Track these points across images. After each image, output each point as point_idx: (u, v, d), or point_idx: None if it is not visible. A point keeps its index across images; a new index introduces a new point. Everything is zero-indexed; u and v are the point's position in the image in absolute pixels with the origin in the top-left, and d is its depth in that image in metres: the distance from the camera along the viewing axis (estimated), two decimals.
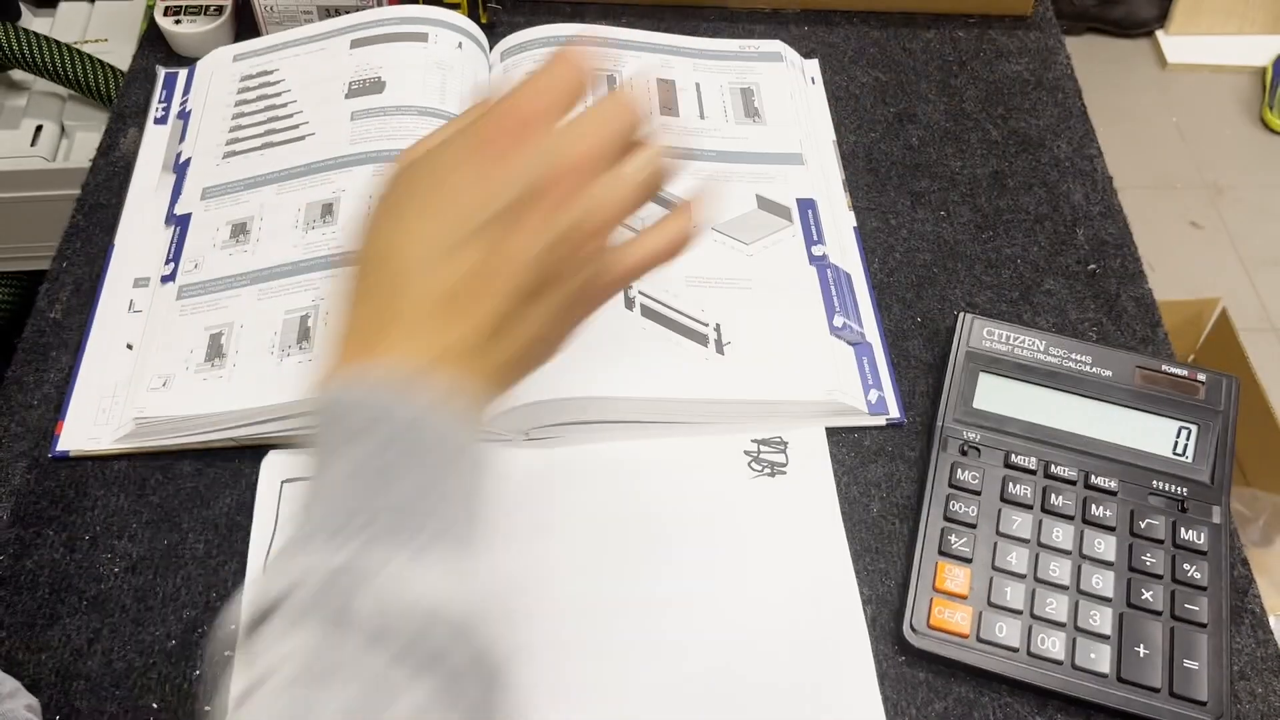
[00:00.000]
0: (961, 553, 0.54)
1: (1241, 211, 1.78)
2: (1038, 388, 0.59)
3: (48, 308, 0.64)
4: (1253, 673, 0.53)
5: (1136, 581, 0.53)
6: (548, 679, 0.51)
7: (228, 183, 0.66)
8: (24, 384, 0.61)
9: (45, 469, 0.58)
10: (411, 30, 0.72)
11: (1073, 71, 0.80)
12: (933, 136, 0.75)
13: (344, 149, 0.66)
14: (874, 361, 0.62)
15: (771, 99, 0.74)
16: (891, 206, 0.71)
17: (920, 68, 0.79)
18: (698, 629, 0.53)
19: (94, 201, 0.69)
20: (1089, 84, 0.79)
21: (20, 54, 0.99)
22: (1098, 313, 0.66)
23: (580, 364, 0.58)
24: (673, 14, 0.81)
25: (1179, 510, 0.56)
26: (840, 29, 0.81)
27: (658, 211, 0.65)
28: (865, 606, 0.54)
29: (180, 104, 0.73)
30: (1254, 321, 1.63)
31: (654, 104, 0.72)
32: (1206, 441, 0.57)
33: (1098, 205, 0.71)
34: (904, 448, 0.60)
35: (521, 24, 0.77)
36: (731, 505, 0.57)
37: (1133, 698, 0.50)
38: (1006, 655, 0.52)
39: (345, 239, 0.61)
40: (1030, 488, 0.56)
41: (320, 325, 0.58)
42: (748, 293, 0.62)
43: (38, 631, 0.52)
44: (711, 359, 0.59)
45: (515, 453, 0.58)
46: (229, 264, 0.62)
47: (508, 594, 0.54)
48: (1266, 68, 1.95)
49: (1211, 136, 1.88)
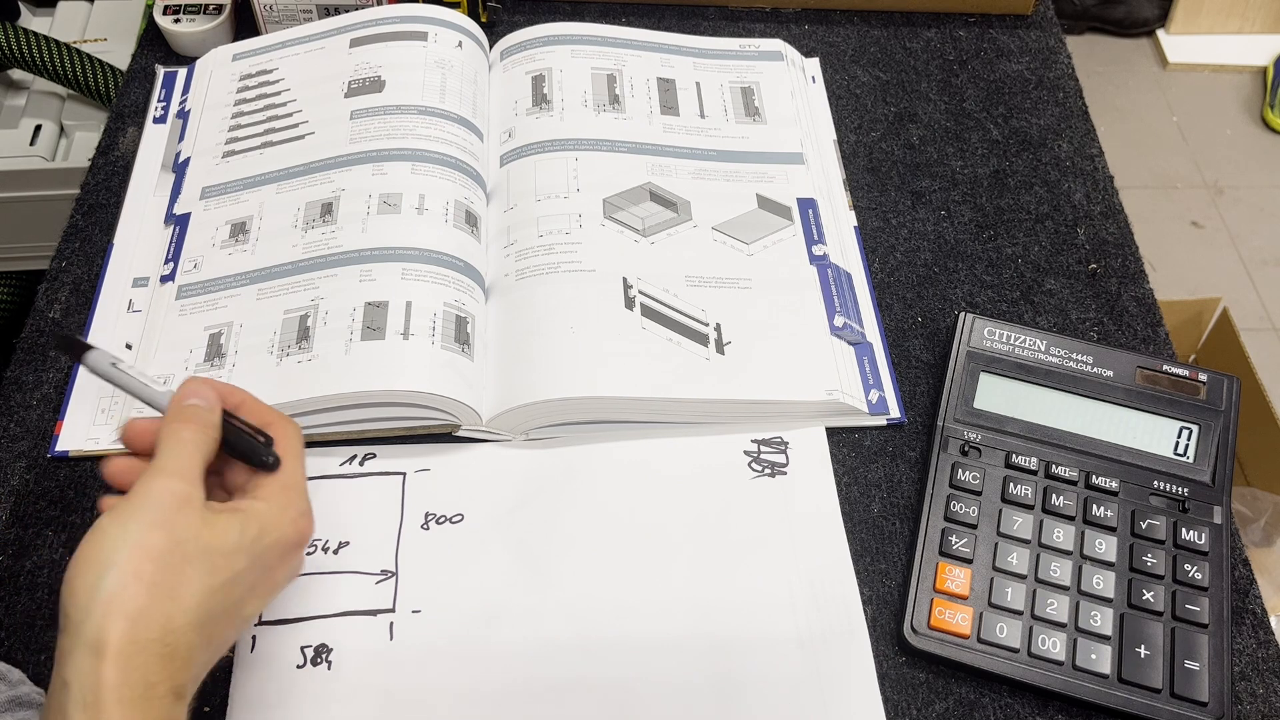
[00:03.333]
0: (962, 553, 0.54)
1: (1242, 211, 1.78)
2: (1038, 388, 0.59)
3: (47, 307, 0.64)
4: (1253, 673, 0.53)
5: (1137, 582, 0.53)
6: (548, 678, 0.51)
7: (227, 182, 0.66)
8: (23, 384, 0.61)
9: (45, 469, 0.57)
10: (411, 29, 0.72)
11: (1073, 71, 0.80)
12: (933, 136, 0.75)
13: (343, 148, 0.66)
14: (874, 361, 0.62)
15: (772, 98, 0.73)
16: (892, 206, 0.71)
17: (921, 67, 0.79)
18: (698, 629, 0.53)
19: (93, 201, 0.69)
20: (1089, 84, 0.79)
21: (19, 53, 0.99)
22: (1098, 312, 0.66)
23: (580, 364, 0.58)
24: (673, 13, 0.81)
25: (1180, 510, 0.55)
26: (841, 28, 0.81)
27: (657, 211, 0.65)
28: (865, 607, 0.54)
29: (179, 103, 0.73)
30: (1254, 321, 1.63)
31: (654, 104, 0.72)
32: (1207, 441, 0.57)
33: (1098, 205, 0.71)
34: (904, 448, 0.60)
35: (521, 23, 0.77)
36: (732, 505, 0.57)
37: (1133, 698, 0.50)
38: (1007, 656, 0.51)
39: (345, 239, 0.61)
40: (1031, 488, 0.56)
41: (320, 325, 0.58)
42: (748, 293, 0.62)
43: (38, 631, 0.52)
44: (712, 359, 0.59)
45: (515, 453, 0.58)
46: (228, 263, 0.62)
47: (508, 594, 0.53)
48: (1267, 67, 1.95)
49: (1212, 136, 1.88)
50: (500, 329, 0.60)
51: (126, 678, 0.38)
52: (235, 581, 0.42)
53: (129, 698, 0.38)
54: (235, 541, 0.42)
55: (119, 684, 0.38)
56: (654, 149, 0.69)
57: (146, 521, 0.40)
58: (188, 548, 0.40)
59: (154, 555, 0.40)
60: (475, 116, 0.70)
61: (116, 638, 0.38)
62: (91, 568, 0.39)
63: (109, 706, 0.37)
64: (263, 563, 0.43)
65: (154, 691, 0.38)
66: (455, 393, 0.56)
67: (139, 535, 0.40)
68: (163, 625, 0.39)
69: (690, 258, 0.63)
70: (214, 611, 0.41)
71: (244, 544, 0.42)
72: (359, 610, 0.53)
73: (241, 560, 0.42)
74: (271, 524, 0.43)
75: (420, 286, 0.59)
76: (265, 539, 0.43)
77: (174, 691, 0.39)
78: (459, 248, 0.62)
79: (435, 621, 0.52)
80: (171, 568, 0.40)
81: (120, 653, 0.38)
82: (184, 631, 0.39)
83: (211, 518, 0.42)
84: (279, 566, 0.44)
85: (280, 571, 0.44)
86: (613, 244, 0.63)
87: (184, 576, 0.40)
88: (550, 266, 0.62)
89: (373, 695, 0.50)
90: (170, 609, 0.39)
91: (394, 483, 0.57)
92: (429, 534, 0.55)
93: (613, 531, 0.56)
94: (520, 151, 0.68)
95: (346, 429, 0.58)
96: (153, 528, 0.40)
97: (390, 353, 0.56)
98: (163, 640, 0.39)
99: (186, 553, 0.40)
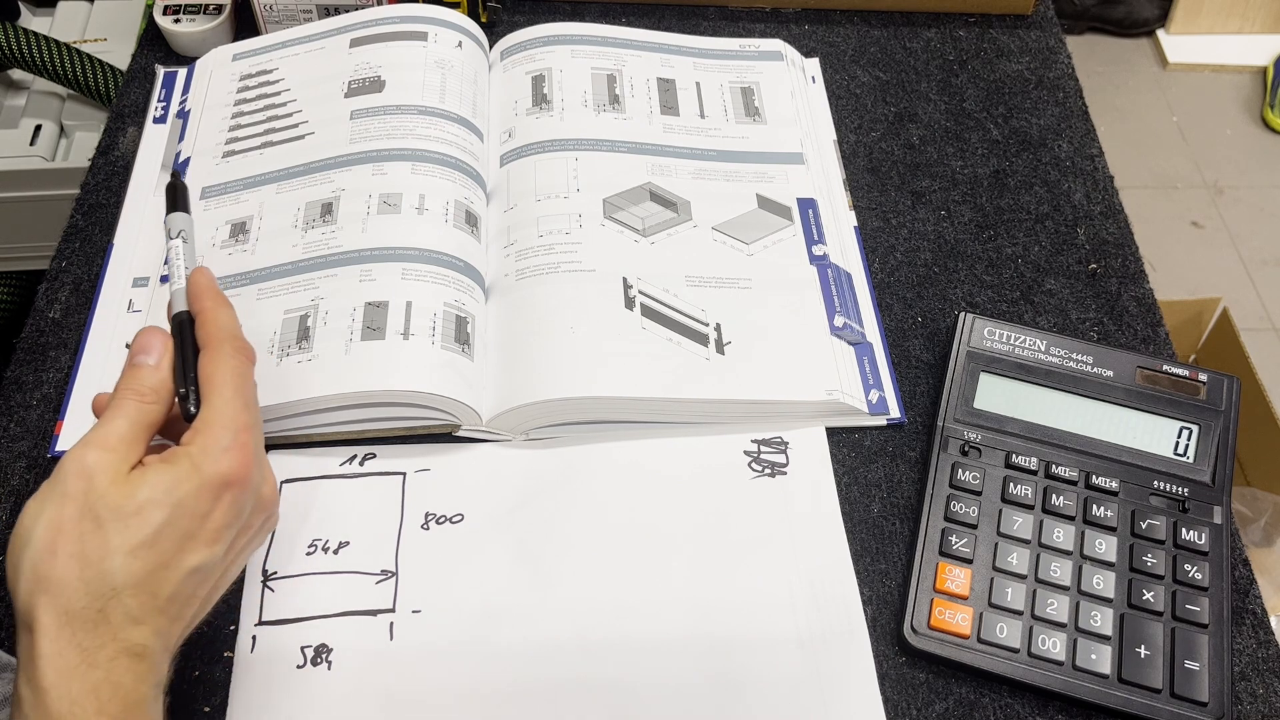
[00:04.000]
0: (962, 553, 0.54)
1: (1242, 211, 1.78)
2: (1038, 388, 0.59)
3: (47, 307, 0.64)
4: (1253, 673, 0.53)
5: (1137, 582, 0.53)
6: (548, 678, 0.51)
7: (227, 182, 0.66)
8: (23, 384, 0.61)
9: (45, 469, 0.57)
10: (411, 29, 0.72)
11: (1073, 71, 0.80)
12: (933, 136, 0.75)
13: (343, 148, 0.66)
14: (874, 361, 0.62)
15: (772, 98, 0.73)
16: (892, 206, 0.71)
17: (921, 67, 0.79)
18: (698, 629, 0.53)
19: (93, 201, 0.69)
20: (1089, 84, 0.79)
21: (19, 53, 0.99)
22: (1099, 312, 0.66)
23: (580, 364, 0.58)
24: (673, 13, 0.81)
25: (1180, 510, 0.55)
26: (841, 28, 0.81)
27: (657, 211, 0.65)
28: (865, 607, 0.54)
29: (179, 103, 0.73)
30: (1254, 321, 1.63)
31: (654, 104, 0.72)
32: (1207, 442, 0.57)
33: (1098, 205, 0.71)
34: (904, 448, 0.60)
35: (521, 23, 0.77)
36: (732, 505, 0.57)
37: (1133, 699, 0.50)
38: (1007, 656, 0.51)
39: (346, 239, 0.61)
40: (1031, 488, 0.56)
41: (320, 325, 0.58)
42: (748, 293, 0.62)
43: None
44: (712, 359, 0.59)
45: (515, 453, 0.58)
46: (228, 263, 0.62)
47: (508, 594, 0.53)
48: (1267, 67, 1.95)
49: (1212, 136, 1.88)
50: (500, 329, 0.60)
51: (58, 648, 0.39)
52: (157, 536, 0.41)
53: (64, 667, 0.39)
54: (146, 495, 0.42)
55: (52, 654, 0.39)
56: (654, 149, 0.69)
57: (56, 494, 0.41)
58: (98, 511, 0.41)
59: (66, 526, 0.40)
60: (475, 116, 0.70)
61: (42, 611, 0.39)
62: (14, 550, 0.41)
63: (46, 675, 0.39)
64: (186, 511, 0.42)
65: (95, 657, 0.39)
66: (455, 393, 0.56)
67: (52, 510, 0.41)
68: (88, 592, 0.40)
69: (690, 258, 0.63)
70: (145, 569, 0.41)
71: (155, 496, 0.42)
72: (359, 610, 0.53)
73: (157, 514, 0.41)
74: (187, 471, 0.43)
75: (420, 286, 0.59)
76: (182, 487, 0.42)
77: (127, 652, 0.40)
78: (459, 248, 0.62)
79: (435, 621, 0.52)
80: (85, 535, 0.40)
81: (49, 624, 0.39)
82: (115, 594, 0.40)
83: (123, 478, 0.42)
84: (213, 510, 0.43)
85: (216, 514, 0.43)
86: (613, 244, 0.63)
87: (98, 540, 0.40)
88: (550, 266, 0.62)
89: (373, 695, 0.50)
90: (92, 574, 0.40)
91: (394, 483, 0.57)
92: (429, 534, 0.55)
93: (613, 531, 0.56)
94: (520, 151, 0.68)
95: (346, 429, 0.58)
96: (64, 499, 0.41)
97: (390, 353, 0.56)
98: (91, 607, 0.40)
99: (98, 516, 0.41)
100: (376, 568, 0.54)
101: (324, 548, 0.54)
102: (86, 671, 0.39)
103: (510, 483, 0.57)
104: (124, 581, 0.40)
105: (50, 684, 0.38)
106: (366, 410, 0.56)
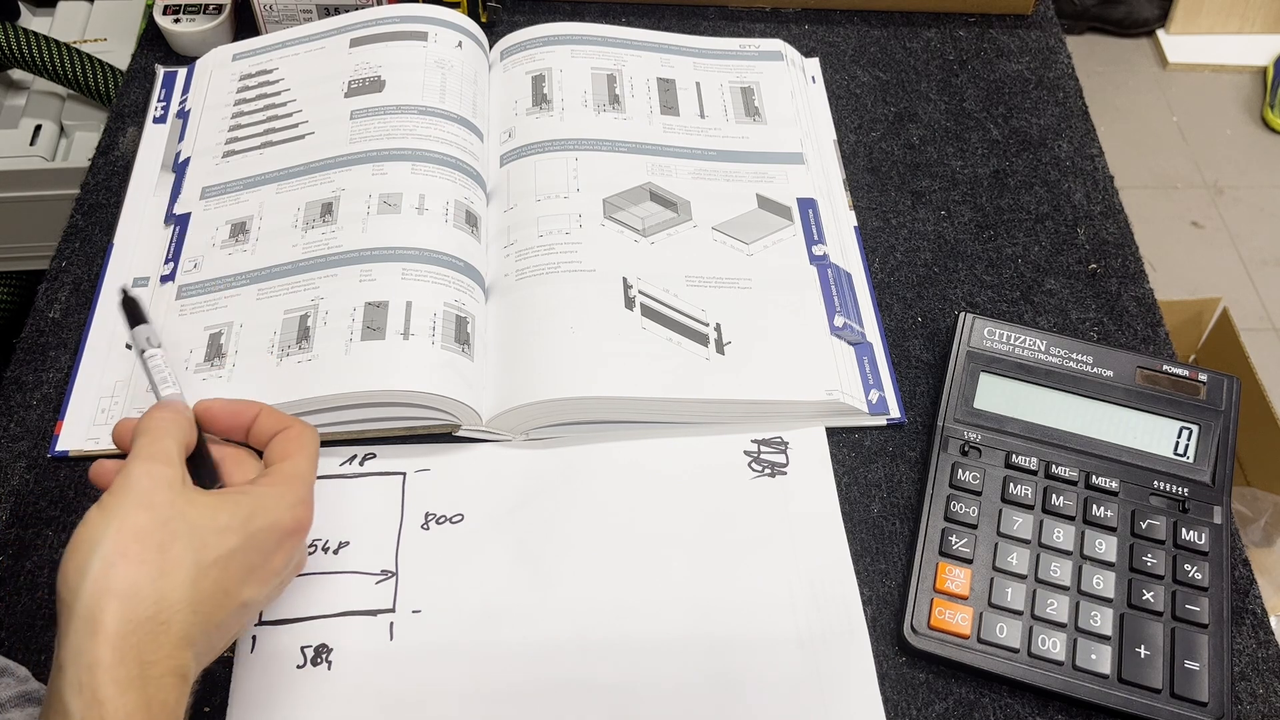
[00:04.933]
0: (962, 553, 0.54)
1: (1242, 211, 1.78)
2: (1038, 388, 0.59)
3: (47, 307, 0.64)
4: (1253, 673, 0.53)
5: (1137, 582, 0.53)
6: (548, 678, 0.51)
7: (227, 182, 0.66)
8: (23, 384, 0.61)
9: (44, 469, 0.57)
10: (411, 29, 0.72)
11: (1073, 71, 0.80)
12: (933, 136, 0.75)
13: (343, 148, 0.66)
14: (874, 361, 0.62)
15: (772, 98, 0.73)
16: (892, 206, 0.71)
17: (921, 67, 0.79)
18: (698, 629, 0.53)
19: (93, 201, 0.69)
20: (1089, 84, 0.79)
21: (19, 53, 0.99)
22: (1098, 312, 0.66)
23: (580, 364, 0.58)
24: (673, 13, 0.81)
25: (1180, 510, 0.56)
26: (840, 28, 0.81)
27: (657, 211, 0.65)
28: (865, 607, 0.54)
29: (179, 103, 0.73)
30: (1254, 321, 1.63)
31: (654, 104, 0.72)
32: (1207, 442, 0.57)
33: (1098, 205, 0.71)
34: (904, 448, 0.60)
35: (521, 23, 0.77)
36: (732, 505, 0.57)
37: (1133, 699, 0.50)
38: (1007, 656, 0.51)
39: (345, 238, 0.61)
40: (1031, 488, 0.56)
41: (320, 325, 0.58)
42: (748, 293, 0.62)
43: (38, 631, 0.52)
44: (712, 359, 0.59)
45: (515, 453, 0.58)
46: (228, 263, 0.62)
47: (508, 594, 0.53)
48: (1267, 67, 1.95)
49: (1212, 136, 1.88)
50: (500, 329, 0.60)
51: (121, 657, 0.38)
52: (228, 560, 0.42)
53: (124, 678, 0.37)
54: (225, 521, 0.42)
55: (113, 664, 0.37)
56: (654, 149, 0.69)
57: (130, 503, 0.40)
58: (173, 525, 0.41)
59: (139, 534, 0.40)
60: (475, 116, 0.70)
61: (110, 616, 0.38)
62: (80, 552, 0.39)
63: (104, 688, 0.37)
64: (256, 545, 0.43)
65: (150, 671, 0.38)
66: (455, 393, 0.56)
67: (123, 517, 0.40)
68: (155, 602, 0.39)
69: (690, 258, 0.63)
70: (208, 590, 0.41)
71: (233, 524, 0.42)
72: (359, 610, 0.53)
73: (232, 539, 0.42)
74: (265, 507, 0.43)
75: (420, 286, 0.59)
76: (257, 520, 0.43)
77: (174, 672, 0.39)
78: (459, 248, 0.62)
79: (435, 621, 0.52)
80: (159, 545, 0.40)
81: (115, 631, 0.38)
82: (178, 609, 0.39)
83: (196, 497, 0.42)
84: (276, 552, 0.44)
85: (277, 557, 0.44)
86: (613, 244, 0.63)
87: (172, 553, 0.40)
88: (550, 266, 0.62)
89: (373, 695, 0.50)
90: (162, 586, 0.39)
91: (394, 483, 0.57)
92: (429, 534, 0.55)
93: (613, 531, 0.56)
94: (520, 151, 0.68)
95: (346, 429, 0.58)
96: (136, 508, 0.40)
97: (390, 353, 0.56)
98: (156, 618, 0.39)
99: (173, 530, 0.40)
100: (376, 568, 0.54)
101: (324, 548, 0.54)
102: (143, 686, 0.38)
103: (510, 483, 0.57)
104: (184, 598, 0.40)
105: (108, 696, 0.37)
106: (366, 410, 0.56)
